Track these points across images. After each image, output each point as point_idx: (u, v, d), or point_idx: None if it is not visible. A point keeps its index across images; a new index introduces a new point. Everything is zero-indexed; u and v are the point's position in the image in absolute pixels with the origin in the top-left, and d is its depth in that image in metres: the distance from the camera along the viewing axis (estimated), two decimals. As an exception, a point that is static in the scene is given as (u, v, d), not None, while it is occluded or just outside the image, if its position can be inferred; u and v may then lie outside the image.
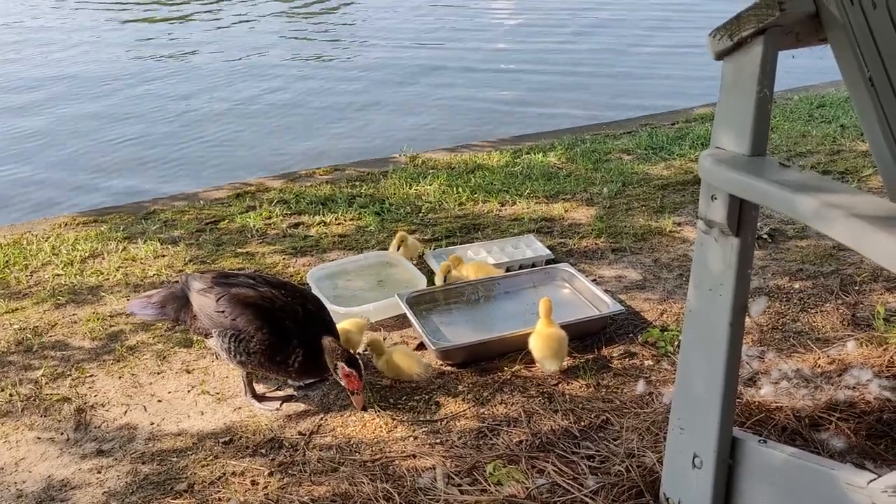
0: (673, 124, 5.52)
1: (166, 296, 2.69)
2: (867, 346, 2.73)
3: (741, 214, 1.69)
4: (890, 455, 2.19)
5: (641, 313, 3.09)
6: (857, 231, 1.36)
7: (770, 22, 1.55)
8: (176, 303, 2.64)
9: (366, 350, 2.82)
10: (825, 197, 1.45)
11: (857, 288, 3.17)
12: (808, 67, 6.55)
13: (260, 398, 2.66)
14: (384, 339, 2.96)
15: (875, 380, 2.48)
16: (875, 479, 1.62)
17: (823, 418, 2.34)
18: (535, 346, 2.70)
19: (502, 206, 4.19)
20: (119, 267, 3.65)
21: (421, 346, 2.91)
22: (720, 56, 1.65)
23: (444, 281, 3.19)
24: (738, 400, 2.43)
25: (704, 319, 1.79)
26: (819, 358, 2.69)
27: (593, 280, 3.28)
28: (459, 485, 2.19)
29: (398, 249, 3.49)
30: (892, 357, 2.62)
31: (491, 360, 2.80)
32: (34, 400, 2.72)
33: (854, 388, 2.48)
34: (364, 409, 2.54)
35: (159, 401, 2.70)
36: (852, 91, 1.65)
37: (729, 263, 1.72)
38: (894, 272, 1.31)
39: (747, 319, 2.88)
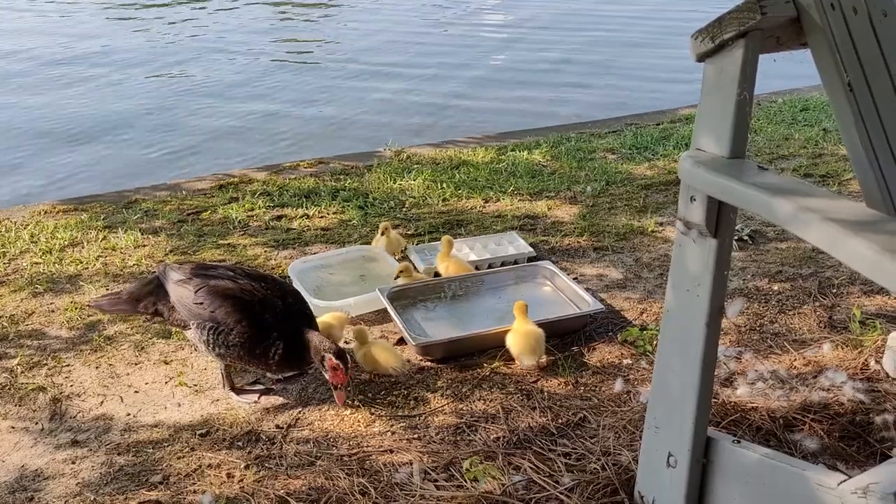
0: (658, 124, 5.54)
1: (137, 290, 2.67)
2: (843, 348, 2.75)
3: (719, 216, 1.70)
4: (862, 456, 2.21)
5: (621, 312, 3.10)
6: (831, 235, 1.38)
7: (751, 25, 1.56)
8: (152, 294, 2.63)
9: (347, 341, 2.82)
10: (802, 201, 1.46)
11: (834, 291, 3.20)
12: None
13: (238, 391, 2.65)
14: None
15: (849, 382, 2.50)
16: (845, 481, 1.64)
17: (798, 419, 2.37)
18: (513, 342, 2.71)
19: (486, 202, 4.19)
20: (98, 256, 3.63)
21: (401, 341, 2.91)
22: (701, 58, 1.66)
23: (395, 279, 3.18)
24: (715, 400, 2.45)
25: (681, 319, 1.80)
26: (795, 359, 2.72)
27: (574, 278, 3.29)
28: (436, 480, 2.19)
29: (381, 234, 3.48)
30: (866, 360, 2.65)
31: (470, 357, 2.81)
32: (9, 389, 2.69)
33: (828, 389, 2.51)
34: (345, 405, 2.53)
35: (136, 392, 2.68)
36: (831, 96, 1.66)
37: (706, 264, 1.73)
38: (867, 276, 1.32)
39: (725, 320, 2.91)
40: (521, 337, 2.69)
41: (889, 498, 1.53)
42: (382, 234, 3.48)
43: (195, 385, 2.70)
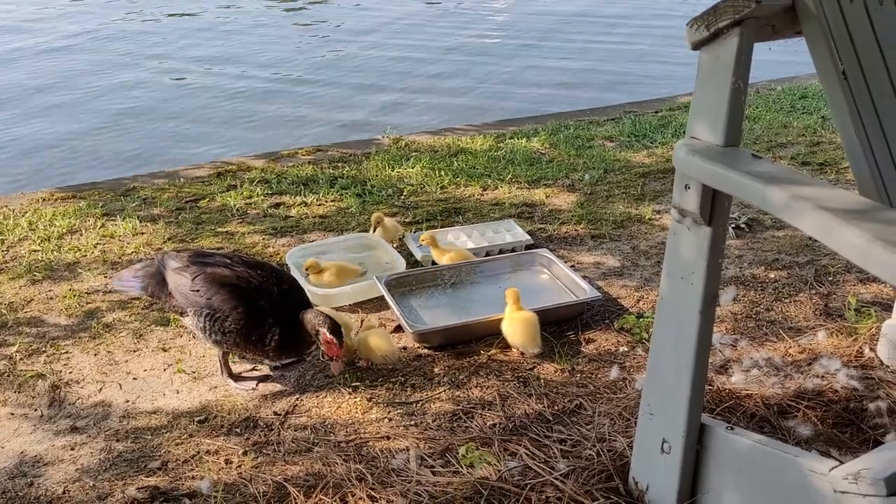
0: (656, 112, 5.54)
1: (147, 271, 2.69)
2: (837, 336, 2.77)
3: (714, 204, 1.70)
4: (855, 443, 2.23)
5: (618, 300, 3.11)
6: (824, 223, 1.38)
7: (746, 13, 1.56)
8: (153, 280, 2.64)
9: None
10: (795, 189, 1.46)
11: (830, 279, 3.21)
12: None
13: (236, 378, 2.67)
14: (361, 322, 2.97)
15: (843, 369, 2.52)
16: (837, 467, 1.65)
17: (792, 406, 2.38)
18: (510, 331, 2.71)
19: (484, 190, 4.20)
20: (97, 244, 3.63)
21: (399, 329, 2.92)
22: (696, 46, 1.66)
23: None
24: (710, 387, 2.46)
25: (675, 307, 1.81)
26: (790, 347, 2.73)
27: (572, 266, 3.30)
28: (432, 466, 2.21)
29: (374, 231, 3.50)
30: (860, 347, 2.67)
31: (468, 344, 2.82)
32: (8, 376, 2.71)
33: (823, 377, 2.52)
34: (340, 373, 2.56)
35: (135, 378, 2.69)
36: (826, 84, 1.67)
37: (701, 252, 1.74)
38: (858, 264, 1.33)
39: (721, 308, 2.92)
40: (518, 324, 2.69)
41: (879, 483, 1.55)
42: (376, 227, 3.47)
43: (193, 372, 2.72)
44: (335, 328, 2.49)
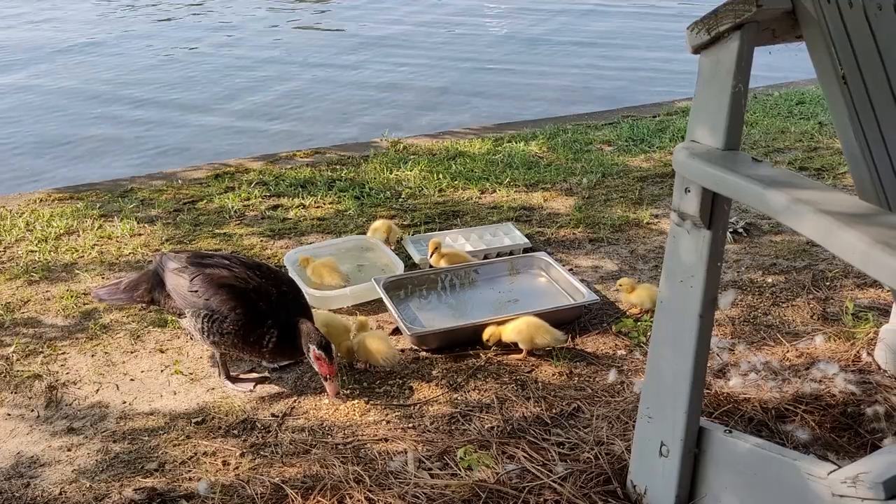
0: (654, 116, 5.55)
1: (136, 279, 2.68)
2: (835, 340, 2.77)
3: (713, 208, 1.71)
4: (853, 447, 2.23)
5: (616, 303, 3.11)
6: (824, 227, 1.38)
7: (747, 17, 1.57)
8: (149, 283, 2.63)
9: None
10: (795, 192, 1.47)
11: (828, 283, 3.22)
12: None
13: (234, 379, 2.66)
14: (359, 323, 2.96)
15: (841, 374, 2.52)
16: (835, 470, 1.66)
17: (790, 410, 2.38)
18: (533, 331, 2.72)
19: (482, 193, 4.20)
20: (94, 245, 3.63)
21: (396, 331, 2.92)
22: (697, 50, 1.67)
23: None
24: (708, 391, 2.47)
25: (675, 310, 1.82)
26: (788, 351, 2.73)
27: (570, 269, 3.31)
28: (430, 469, 2.20)
29: (387, 238, 3.49)
30: (858, 352, 2.67)
31: (466, 346, 2.82)
32: (4, 376, 2.70)
33: (820, 381, 2.52)
34: (337, 395, 2.54)
35: (132, 380, 2.69)
36: (825, 88, 1.67)
37: (700, 255, 1.74)
38: (858, 267, 1.33)
39: (719, 312, 2.93)
40: (530, 323, 2.71)
41: (878, 487, 1.55)
42: (387, 236, 3.47)
43: (191, 373, 2.71)
44: (324, 345, 2.45)
